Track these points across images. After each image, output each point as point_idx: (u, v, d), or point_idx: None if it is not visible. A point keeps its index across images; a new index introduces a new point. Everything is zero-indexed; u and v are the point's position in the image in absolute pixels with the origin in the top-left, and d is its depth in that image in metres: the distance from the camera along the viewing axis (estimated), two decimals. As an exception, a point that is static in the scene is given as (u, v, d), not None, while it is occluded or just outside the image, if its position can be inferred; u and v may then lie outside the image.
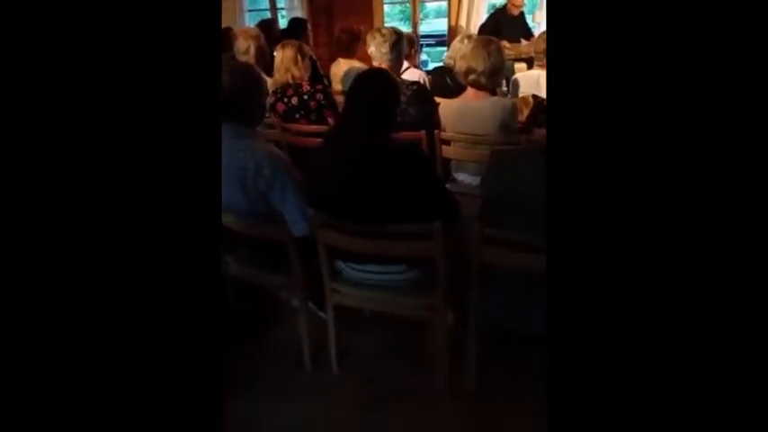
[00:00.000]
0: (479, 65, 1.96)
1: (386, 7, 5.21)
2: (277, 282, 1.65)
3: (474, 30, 4.43)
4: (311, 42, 4.63)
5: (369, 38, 2.08)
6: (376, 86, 1.45)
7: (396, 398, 1.59)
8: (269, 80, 2.47)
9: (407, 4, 5.46)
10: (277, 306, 1.96)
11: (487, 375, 1.57)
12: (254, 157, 1.45)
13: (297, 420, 1.53)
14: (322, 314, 1.66)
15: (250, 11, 5.11)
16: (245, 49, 2.52)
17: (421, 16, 5.44)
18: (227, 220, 1.56)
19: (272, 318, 1.95)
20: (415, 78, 2.61)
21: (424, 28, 6.89)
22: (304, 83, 2.34)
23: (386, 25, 5.39)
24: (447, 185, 2.34)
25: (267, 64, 2.49)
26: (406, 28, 5.34)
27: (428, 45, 5.99)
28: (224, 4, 4.86)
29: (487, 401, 1.54)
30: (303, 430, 1.52)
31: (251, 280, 1.72)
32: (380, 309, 1.62)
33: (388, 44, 2.05)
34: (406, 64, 2.82)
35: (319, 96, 2.31)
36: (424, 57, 5.84)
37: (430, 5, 6.93)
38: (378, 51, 2.06)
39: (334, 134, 1.51)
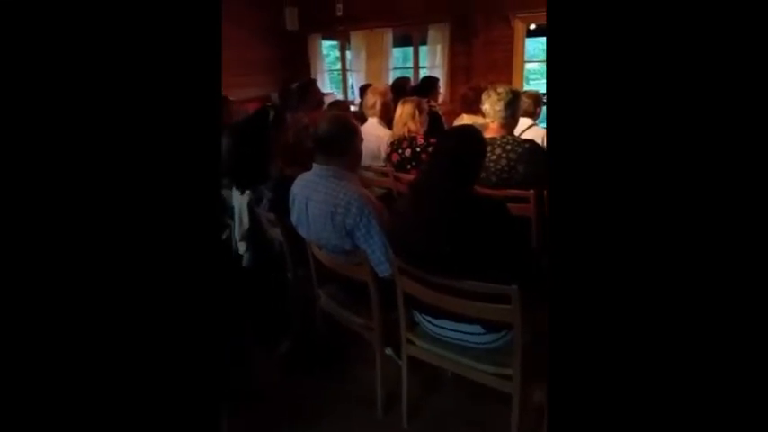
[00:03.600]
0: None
1: (528, 65, 5.20)
2: (358, 321, 1.70)
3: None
4: (446, 99, 4.84)
5: (484, 96, 2.11)
6: (458, 142, 1.47)
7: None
8: (389, 132, 2.65)
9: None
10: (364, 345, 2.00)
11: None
12: (346, 197, 1.56)
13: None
14: (400, 362, 1.65)
15: (395, 69, 5.56)
16: (371, 104, 2.75)
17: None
18: (320, 254, 1.69)
19: (355, 356, 1.99)
20: (537, 138, 2.54)
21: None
22: (419, 136, 2.46)
23: (526, 84, 5.38)
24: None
25: (391, 118, 2.67)
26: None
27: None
28: (371, 63, 5.42)
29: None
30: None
31: (336, 314, 1.80)
32: (453, 370, 1.55)
33: (502, 102, 2.05)
34: (528, 122, 2.77)
35: (431, 150, 2.39)
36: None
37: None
38: (492, 109, 2.07)
39: (417, 184, 1.55)
